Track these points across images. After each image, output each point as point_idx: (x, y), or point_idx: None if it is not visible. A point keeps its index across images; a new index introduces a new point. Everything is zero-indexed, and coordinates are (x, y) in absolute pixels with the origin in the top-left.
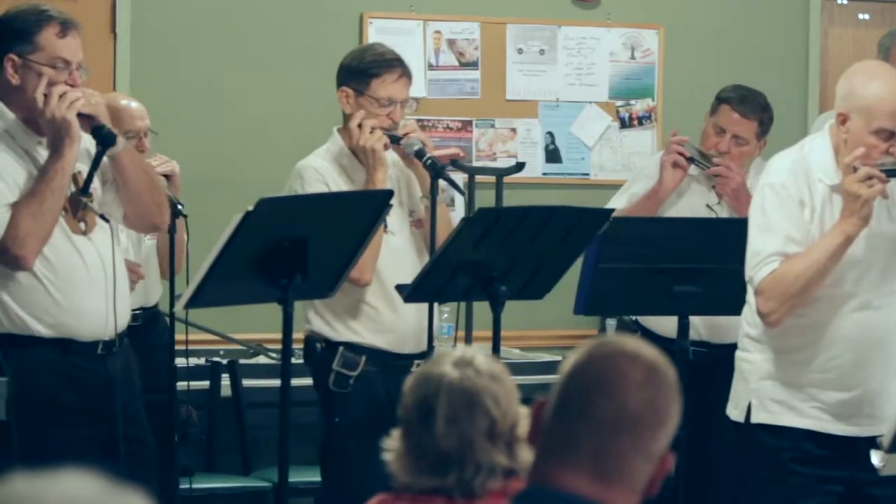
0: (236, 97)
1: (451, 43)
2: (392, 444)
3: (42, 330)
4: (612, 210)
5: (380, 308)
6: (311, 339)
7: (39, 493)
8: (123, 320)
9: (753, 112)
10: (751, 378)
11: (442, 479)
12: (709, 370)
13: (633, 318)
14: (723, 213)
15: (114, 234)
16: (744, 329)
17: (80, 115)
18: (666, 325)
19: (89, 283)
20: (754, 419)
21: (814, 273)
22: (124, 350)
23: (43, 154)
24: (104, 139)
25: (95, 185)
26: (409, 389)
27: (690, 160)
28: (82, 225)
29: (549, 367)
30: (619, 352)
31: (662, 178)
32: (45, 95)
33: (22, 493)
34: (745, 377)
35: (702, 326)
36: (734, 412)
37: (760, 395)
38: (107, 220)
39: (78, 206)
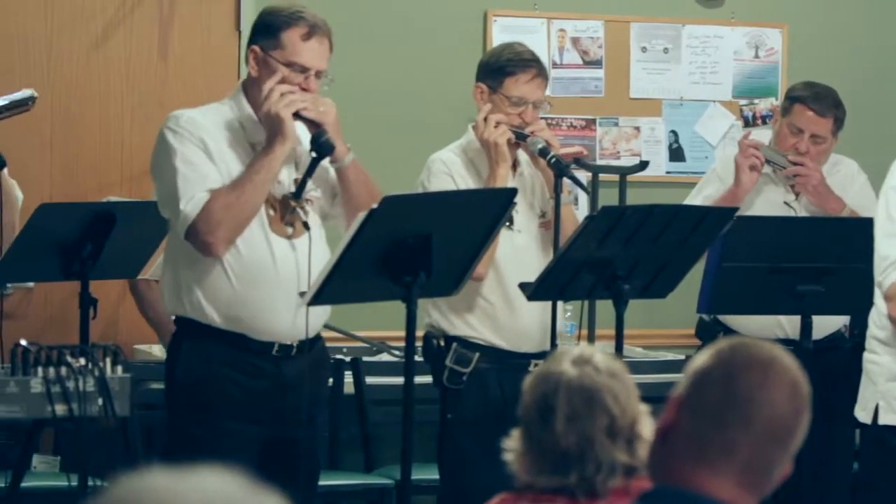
0: (361, 94)
1: (576, 41)
2: (512, 444)
3: (217, 319)
4: (736, 209)
5: (497, 305)
6: (430, 334)
7: (176, 489)
8: (313, 329)
9: (829, 109)
10: (878, 380)
11: (563, 478)
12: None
13: (713, 316)
14: (801, 209)
15: (313, 244)
16: (871, 331)
17: (304, 119)
18: (749, 324)
19: (275, 285)
20: (881, 420)
21: None
22: (314, 354)
23: None
24: (320, 147)
25: (315, 194)
26: (529, 388)
27: (767, 162)
28: (289, 229)
29: (673, 366)
30: (772, 360)
31: (740, 180)
32: (271, 91)
33: (159, 488)
34: (872, 379)
35: (787, 324)
36: (861, 414)
37: (888, 396)
38: (307, 229)
39: (287, 210)
